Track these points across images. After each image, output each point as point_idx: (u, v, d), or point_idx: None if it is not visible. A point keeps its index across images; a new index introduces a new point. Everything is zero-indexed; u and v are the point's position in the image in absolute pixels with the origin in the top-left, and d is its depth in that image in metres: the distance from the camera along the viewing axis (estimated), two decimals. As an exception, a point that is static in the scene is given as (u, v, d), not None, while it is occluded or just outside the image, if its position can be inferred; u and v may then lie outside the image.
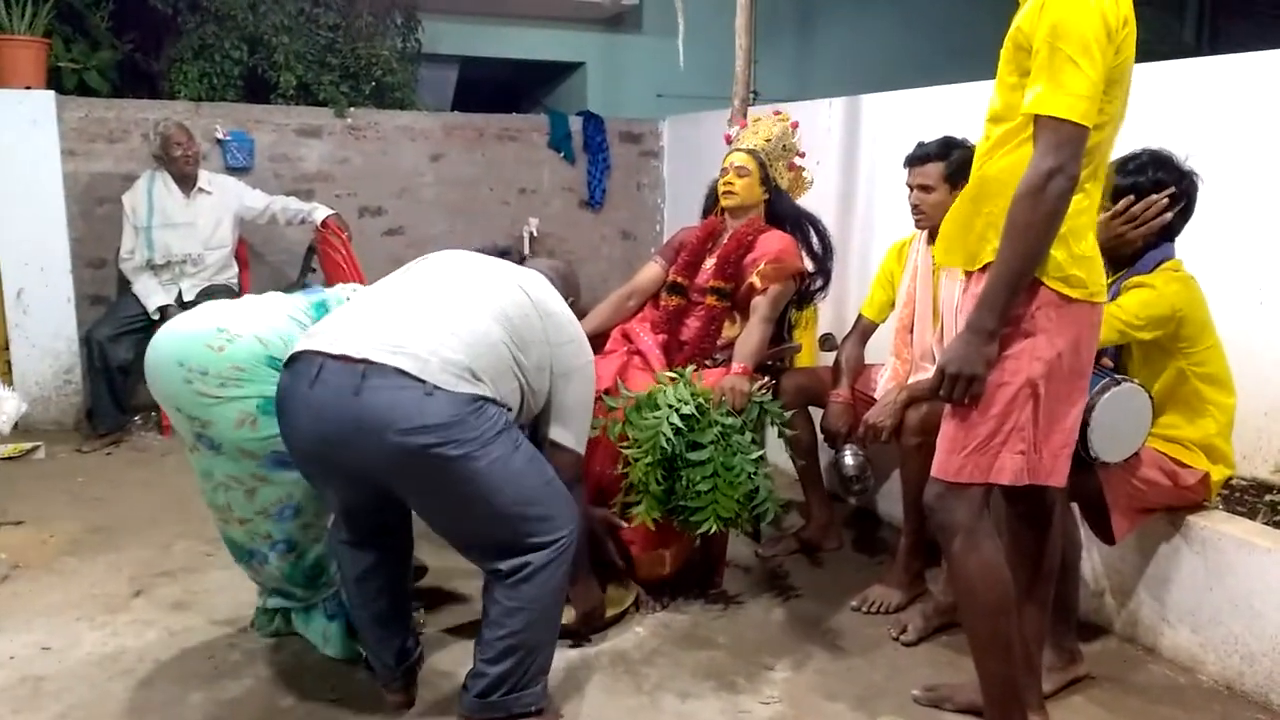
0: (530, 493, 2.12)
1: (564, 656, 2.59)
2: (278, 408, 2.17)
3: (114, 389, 4.40)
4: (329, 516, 2.44)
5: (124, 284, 4.61)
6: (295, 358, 2.14)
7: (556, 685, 2.45)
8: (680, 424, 2.66)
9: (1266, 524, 2.56)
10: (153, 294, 4.45)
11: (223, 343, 2.32)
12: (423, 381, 2.00)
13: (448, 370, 2.04)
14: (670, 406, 2.68)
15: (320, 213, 4.78)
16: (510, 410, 2.17)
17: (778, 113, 3.37)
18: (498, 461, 2.05)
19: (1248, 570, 2.42)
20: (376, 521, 2.30)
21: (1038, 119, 1.83)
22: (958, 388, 1.92)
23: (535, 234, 5.78)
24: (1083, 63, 1.77)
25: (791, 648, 2.71)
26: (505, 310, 2.22)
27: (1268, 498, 2.68)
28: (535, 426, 2.40)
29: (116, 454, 4.36)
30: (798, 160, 3.33)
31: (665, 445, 2.64)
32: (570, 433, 2.38)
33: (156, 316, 4.44)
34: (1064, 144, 1.80)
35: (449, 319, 2.15)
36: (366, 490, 2.18)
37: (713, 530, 2.69)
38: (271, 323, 2.40)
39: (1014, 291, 1.88)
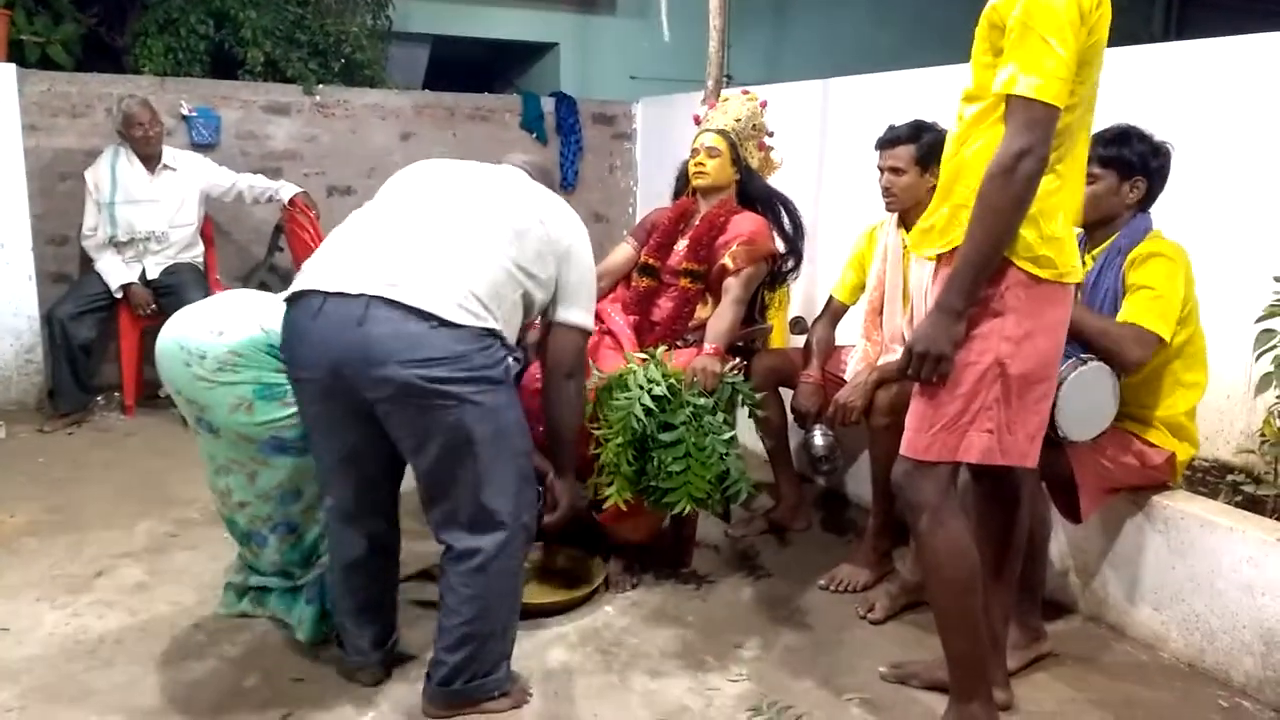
0: (508, 460, 2.13)
1: (534, 636, 2.59)
2: (285, 344, 2.17)
3: (76, 368, 4.33)
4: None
5: (86, 261, 4.54)
6: (297, 295, 2.14)
7: (525, 664, 2.44)
8: (652, 405, 2.65)
9: (1228, 504, 2.59)
10: (115, 272, 4.38)
11: (224, 327, 2.34)
12: (428, 315, 1.99)
13: (452, 300, 2.03)
14: (641, 387, 2.68)
15: (288, 191, 4.72)
16: (516, 353, 2.18)
17: (746, 92, 3.36)
18: (492, 410, 2.07)
19: (1209, 549, 2.45)
20: (371, 498, 2.28)
21: (1009, 99, 1.83)
22: (925, 366, 1.93)
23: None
24: (1055, 43, 1.77)
25: (760, 626, 2.72)
26: (511, 224, 2.21)
27: (1229, 478, 2.72)
28: (543, 315, 2.40)
29: (79, 434, 4.30)
30: (767, 140, 3.32)
31: (636, 426, 2.63)
32: (576, 310, 2.36)
33: (119, 295, 4.38)
34: (1034, 124, 1.80)
35: (452, 242, 2.13)
36: (368, 433, 2.14)
37: (686, 510, 2.69)
38: (264, 312, 2.38)
39: (982, 272, 1.88)
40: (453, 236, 2.16)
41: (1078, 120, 1.91)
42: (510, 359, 2.16)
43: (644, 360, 2.81)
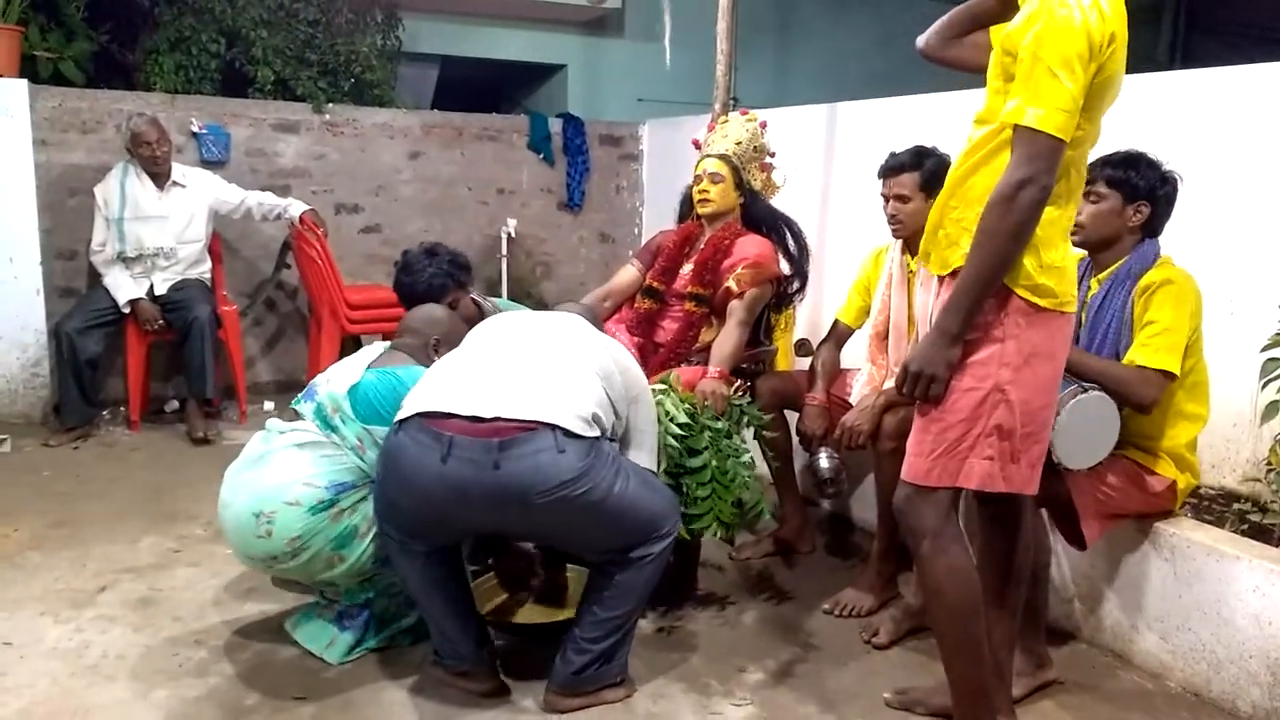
0: (645, 504, 2.32)
1: (536, 657, 2.58)
2: (393, 469, 2.23)
3: (82, 382, 4.33)
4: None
5: (95, 276, 4.56)
6: (411, 421, 2.22)
7: (529, 687, 2.44)
8: (680, 431, 2.65)
9: (1235, 532, 2.58)
10: (123, 287, 4.40)
11: (266, 528, 2.39)
12: (554, 437, 2.15)
13: (573, 413, 2.21)
14: (667, 415, 2.66)
15: (296, 208, 4.74)
16: (615, 442, 2.38)
17: (745, 113, 3.36)
18: (619, 491, 2.24)
19: (1216, 578, 2.44)
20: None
21: (1016, 129, 1.84)
22: (919, 386, 1.95)
23: (513, 235, 5.76)
24: (1064, 76, 1.78)
25: (764, 650, 2.70)
26: (592, 356, 2.40)
27: (1235, 506, 2.71)
28: None
29: (84, 448, 4.30)
30: (769, 160, 3.32)
31: (670, 454, 2.62)
32: (643, 453, 2.51)
33: (127, 310, 4.39)
34: (1038, 155, 1.81)
35: (557, 370, 2.32)
36: (480, 535, 2.38)
37: (716, 535, 2.69)
38: (294, 475, 2.42)
39: (980, 297, 1.89)
40: (556, 369, 2.33)
41: (1082, 154, 1.93)
42: (612, 442, 2.36)
43: (663, 389, 2.78)
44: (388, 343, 2.77)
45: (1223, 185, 2.89)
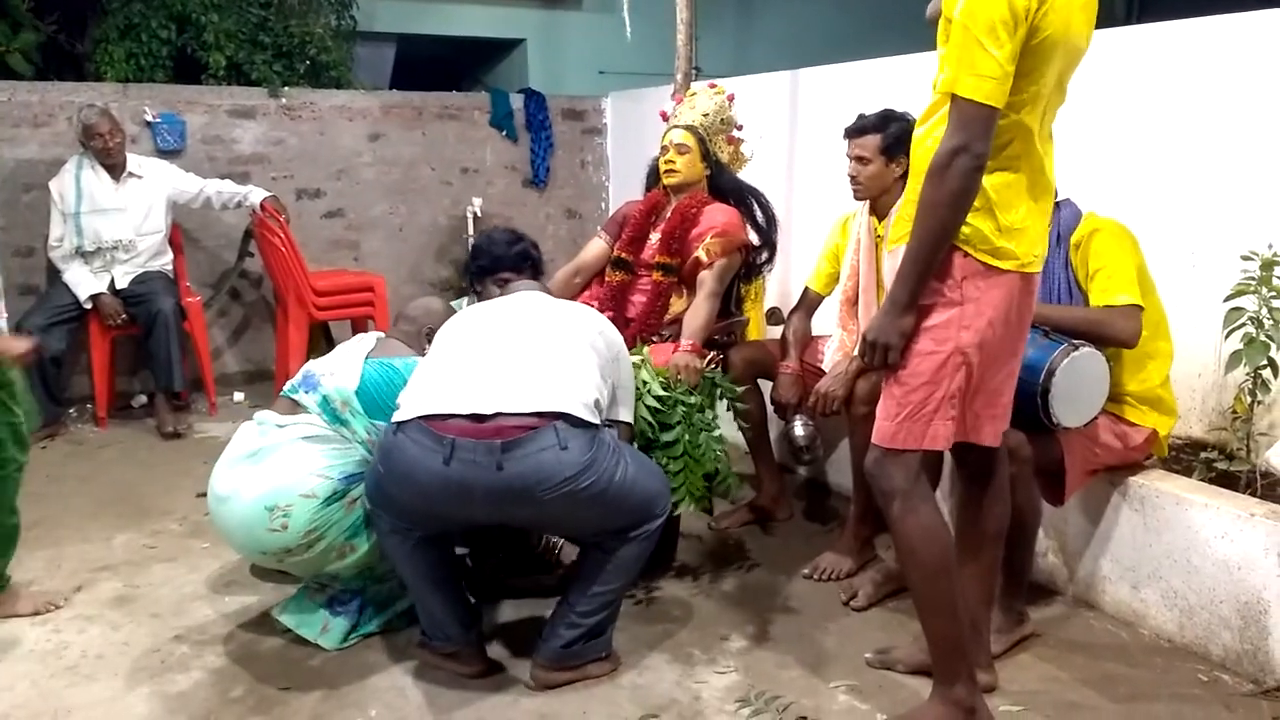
0: (644, 487, 2.34)
1: (520, 632, 2.59)
2: (393, 467, 2.22)
3: (47, 381, 4.26)
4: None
5: (54, 273, 4.48)
6: (411, 423, 2.21)
7: (512, 661, 2.45)
8: (656, 405, 2.64)
9: (1203, 481, 2.63)
10: (84, 282, 4.33)
11: (282, 521, 2.37)
12: (555, 434, 2.16)
13: (578, 400, 2.23)
14: (644, 385, 2.66)
15: (256, 195, 4.67)
16: (611, 428, 2.40)
17: (713, 85, 3.35)
18: (619, 479, 2.26)
19: (1185, 526, 2.48)
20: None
21: (952, 97, 1.85)
22: (876, 355, 1.99)
23: (479, 214, 5.72)
24: (989, 44, 1.79)
25: (746, 617, 2.73)
26: (577, 331, 2.43)
27: (1203, 455, 2.75)
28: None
29: (52, 447, 4.24)
30: (736, 133, 3.31)
31: (645, 429, 2.62)
32: (625, 408, 2.54)
33: (89, 306, 4.33)
34: (969, 123, 1.83)
35: (552, 355, 2.33)
36: (476, 528, 2.40)
37: (691, 509, 2.70)
38: (306, 469, 2.41)
39: (927, 266, 1.92)
40: (550, 354, 2.34)
41: (1037, 112, 1.93)
42: (610, 427, 2.39)
43: (639, 360, 2.78)
44: (380, 333, 2.79)
45: (1182, 138, 2.91)
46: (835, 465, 3.65)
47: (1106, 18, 2.21)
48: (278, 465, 2.42)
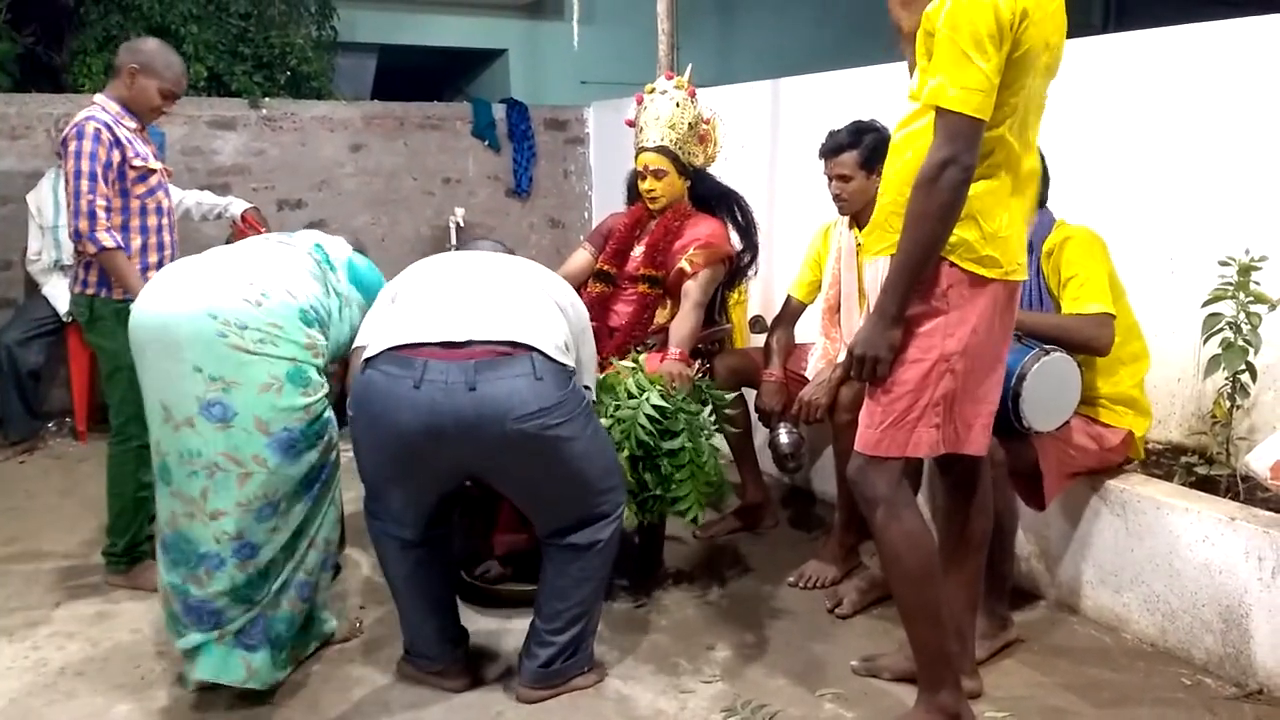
0: (606, 462, 2.31)
1: (505, 643, 2.58)
2: (364, 407, 2.16)
3: (25, 395, 4.24)
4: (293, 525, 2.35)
5: (32, 286, 4.45)
6: (381, 355, 2.16)
7: (496, 670, 2.45)
8: (655, 414, 2.63)
9: (1183, 485, 2.65)
10: (63, 296, 4.28)
11: (260, 297, 2.25)
12: (531, 364, 2.12)
13: (549, 339, 2.18)
14: (633, 396, 2.64)
15: (237, 206, 4.61)
16: (586, 386, 2.37)
17: (670, 76, 3.24)
18: (588, 434, 2.24)
19: (1166, 531, 2.50)
20: (436, 513, 2.33)
21: (937, 110, 1.86)
22: (865, 368, 1.99)
23: (462, 224, 5.70)
24: (975, 56, 1.81)
25: (731, 626, 2.72)
26: (549, 286, 2.39)
27: (1183, 459, 2.77)
28: None
29: (31, 462, 4.20)
30: (704, 128, 3.22)
31: (645, 438, 2.60)
32: (588, 379, 2.52)
33: (68, 319, 4.29)
34: (957, 136, 1.84)
35: (523, 297, 2.29)
36: (452, 482, 2.29)
37: (696, 517, 2.70)
38: (294, 278, 2.35)
39: (914, 277, 1.93)
40: (522, 296, 2.30)
41: (1016, 124, 1.95)
42: (585, 385, 2.36)
43: (632, 369, 2.74)
44: None
45: (1160, 145, 2.94)
46: (820, 473, 3.65)
47: (1084, 26, 2.23)
48: (256, 258, 2.41)
